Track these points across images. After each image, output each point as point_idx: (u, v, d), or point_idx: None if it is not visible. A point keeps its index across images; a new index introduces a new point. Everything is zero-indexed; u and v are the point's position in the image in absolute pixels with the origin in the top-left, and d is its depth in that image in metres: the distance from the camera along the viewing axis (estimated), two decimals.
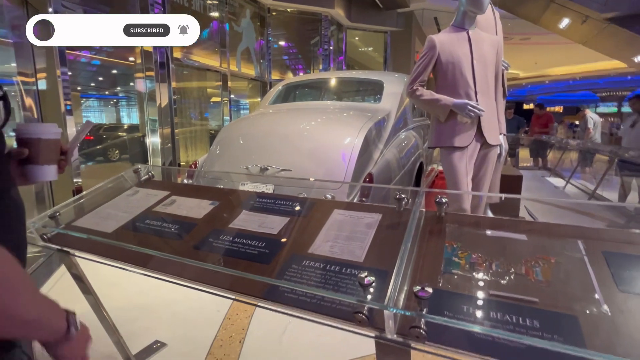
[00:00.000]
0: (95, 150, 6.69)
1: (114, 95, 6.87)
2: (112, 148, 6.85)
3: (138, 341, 1.52)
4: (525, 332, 0.60)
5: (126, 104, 7.00)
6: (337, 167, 2.24)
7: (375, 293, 0.69)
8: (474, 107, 1.76)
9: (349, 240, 0.90)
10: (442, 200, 0.91)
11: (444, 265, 0.77)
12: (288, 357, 1.44)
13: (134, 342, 1.49)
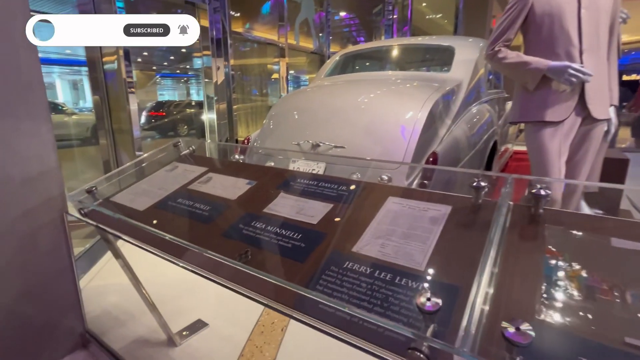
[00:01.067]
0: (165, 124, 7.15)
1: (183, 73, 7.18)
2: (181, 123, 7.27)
3: (181, 319, 1.49)
4: None
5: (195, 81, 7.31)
6: (396, 145, 2.00)
7: (441, 322, 0.49)
8: (578, 71, 1.38)
9: (407, 238, 0.69)
10: (541, 192, 0.65)
11: (545, 287, 0.53)
12: (334, 352, 1.31)
13: (177, 320, 1.47)
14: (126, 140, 2.71)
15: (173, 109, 7.31)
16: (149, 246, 0.87)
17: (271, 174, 1.10)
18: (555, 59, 1.44)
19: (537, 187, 0.65)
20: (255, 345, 1.36)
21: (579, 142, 1.53)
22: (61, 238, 1.22)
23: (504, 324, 0.42)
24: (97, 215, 1.04)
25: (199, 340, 1.38)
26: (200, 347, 1.34)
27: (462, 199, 0.76)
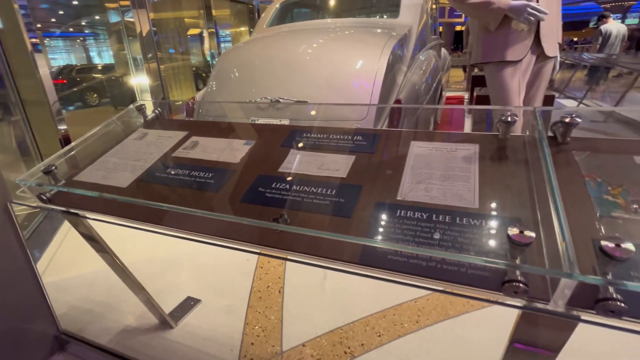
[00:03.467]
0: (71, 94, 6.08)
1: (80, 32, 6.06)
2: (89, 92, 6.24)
3: (168, 298, 1.39)
4: None
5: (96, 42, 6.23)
6: (361, 95, 1.97)
7: (528, 252, 0.50)
8: (535, 10, 1.45)
9: (448, 180, 0.69)
10: (569, 121, 0.68)
11: (596, 207, 0.57)
12: (335, 305, 1.34)
13: (163, 299, 1.36)
14: (42, 114, 2.26)
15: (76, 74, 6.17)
16: (153, 225, 0.75)
17: (267, 131, 1.00)
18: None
19: (569, 116, 0.68)
20: (258, 311, 1.33)
21: (532, 79, 1.66)
22: (9, 233, 1.01)
23: (603, 242, 0.44)
24: (65, 199, 0.86)
25: (196, 317, 1.31)
26: (200, 324, 1.27)
27: (485, 136, 0.78)
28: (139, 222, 0.77)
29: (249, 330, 1.24)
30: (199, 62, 6.88)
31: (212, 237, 0.71)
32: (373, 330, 1.22)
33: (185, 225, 0.73)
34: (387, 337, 1.19)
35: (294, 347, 1.16)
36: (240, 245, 0.69)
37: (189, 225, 0.72)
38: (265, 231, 0.67)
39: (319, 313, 1.31)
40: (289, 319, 1.29)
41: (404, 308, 1.31)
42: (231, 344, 1.19)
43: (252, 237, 0.68)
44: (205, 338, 1.21)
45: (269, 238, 0.66)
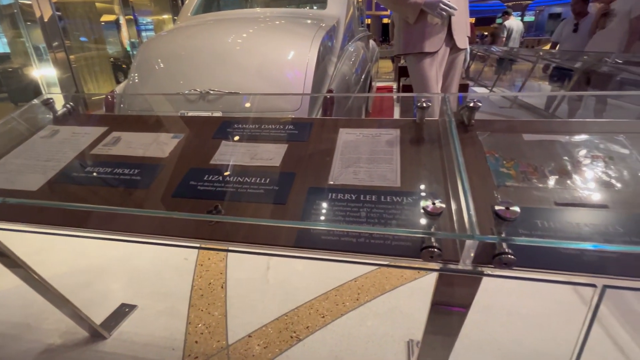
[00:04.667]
0: None
1: None
2: None
3: (99, 309, 1.29)
4: (608, 239, 0.54)
5: None
6: (294, 85, 1.98)
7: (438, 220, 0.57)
8: (447, 5, 1.59)
9: (373, 163, 0.74)
10: (473, 105, 0.78)
11: (494, 178, 0.67)
12: (280, 293, 1.36)
13: (94, 310, 1.26)
14: None
15: None
16: (73, 229, 0.69)
17: (196, 123, 0.97)
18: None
19: (472, 101, 0.77)
20: (201, 310, 1.30)
21: (448, 69, 1.83)
22: None
23: (496, 206, 0.52)
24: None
25: (133, 323, 1.24)
26: (138, 330, 1.20)
27: (405, 121, 0.85)
28: (56, 227, 0.71)
29: (191, 329, 1.21)
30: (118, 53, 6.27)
31: (143, 236, 0.68)
32: (317, 312, 1.27)
33: (112, 225, 0.69)
34: (330, 317, 1.25)
35: (240, 339, 1.17)
36: (174, 241, 0.67)
37: (115, 226, 0.68)
38: (201, 224, 0.67)
39: (264, 303, 1.32)
40: (233, 313, 1.29)
41: (344, 288, 1.38)
42: (173, 345, 1.15)
43: (186, 232, 0.67)
44: (144, 344, 1.15)
45: (204, 231, 0.65)
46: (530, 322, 1.18)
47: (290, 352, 1.12)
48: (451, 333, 0.75)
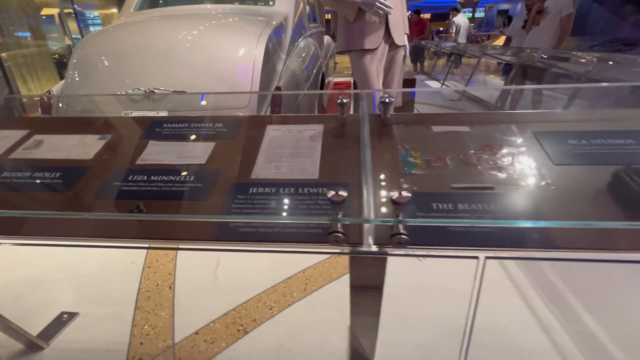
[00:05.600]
0: None
1: None
2: None
3: (37, 319, 1.24)
4: (490, 216, 0.62)
5: None
6: (241, 83, 1.99)
7: (347, 208, 0.62)
8: (382, 4, 1.67)
9: (295, 157, 0.79)
10: (386, 100, 0.84)
11: (402, 167, 0.74)
12: (229, 289, 1.38)
13: (31, 321, 1.21)
14: None
15: None
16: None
17: (124, 124, 0.96)
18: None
19: (385, 97, 0.83)
20: (147, 311, 1.29)
21: (388, 65, 1.92)
22: None
23: (392, 193, 0.58)
24: None
25: (74, 331, 1.21)
26: (79, 337, 1.18)
27: (329, 117, 0.90)
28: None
29: (137, 331, 1.20)
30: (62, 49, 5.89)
31: (63, 239, 0.68)
32: (265, 305, 1.30)
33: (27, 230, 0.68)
34: (277, 308, 1.29)
35: (187, 337, 1.18)
36: (96, 242, 0.67)
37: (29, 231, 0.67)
38: (124, 223, 0.68)
39: (212, 300, 1.33)
40: (181, 312, 1.29)
41: (293, 280, 1.42)
42: (117, 349, 1.14)
43: (109, 232, 0.67)
44: (85, 350, 1.13)
45: (127, 230, 0.66)
46: (459, 298, 1.29)
47: (237, 344, 1.14)
48: (373, 313, 0.81)
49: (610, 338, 1.11)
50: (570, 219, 0.60)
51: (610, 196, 0.64)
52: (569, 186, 0.66)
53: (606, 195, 0.64)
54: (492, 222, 0.60)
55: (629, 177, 0.67)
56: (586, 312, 1.21)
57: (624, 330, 1.13)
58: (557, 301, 1.26)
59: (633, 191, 0.64)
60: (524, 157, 0.74)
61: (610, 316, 1.19)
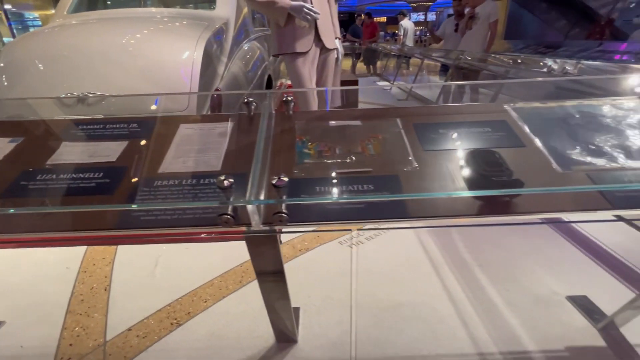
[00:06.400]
0: None
1: None
2: None
3: None
4: (365, 193, 0.73)
5: None
6: (179, 86, 2.01)
7: (238, 193, 0.71)
8: (310, 10, 1.77)
9: (203, 152, 0.86)
10: (288, 99, 0.93)
11: (297, 157, 0.83)
12: (165, 287, 1.41)
13: None
14: None
15: None
16: None
17: (39, 126, 0.98)
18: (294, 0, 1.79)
19: (285, 97, 0.93)
20: (79, 314, 1.29)
21: (321, 68, 2.03)
22: None
23: (272, 179, 0.67)
24: None
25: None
26: (2, 345, 1.16)
27: (239, 115, 0.98)
28: None
29: (67, 334, 1.21)
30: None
31: None
32: (200, 298, 1.35)
33: None
34: (212, 301, 1.34)
35: (119, 334, 1.20)
36: None
37: None
38: (28, 218, 0.71)
39: (148, 298, 1.36)
40: (115, 312, 1.31)
41: (230, 274, 1.48)
42: (45, 353, 1.14)
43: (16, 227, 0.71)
44: (10, 357, 1.12)
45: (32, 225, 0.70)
46: (390, 277, 1.41)
47: (170, 337, 1.19)
48: (281, 297, 0.90)
49: (506, 304, 1.28)
50: (425, 192, 0.72)
51: (465, 172, 0.77)
52: (431, 167, 0.79)
53: (460, 172, 0.77)
54: (356, 197, 0.71)
55: (480, 157, 0.80)
56: (489, 284, 1.38)
57: (517, 297, 1.31)
58: (466, 275, 1.42)
59: (483, 168, 0.77)
60: (401, 145, 0.86)
61: (507, 285, 1.36)
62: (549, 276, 1.39)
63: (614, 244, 1.58)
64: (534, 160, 0.80)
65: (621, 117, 0.93)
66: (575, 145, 0.83)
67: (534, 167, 0.79)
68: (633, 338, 1.10)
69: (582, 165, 0.78)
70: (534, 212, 0.70)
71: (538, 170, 0.78)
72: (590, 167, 0.77)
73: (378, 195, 0.71)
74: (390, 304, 1.29)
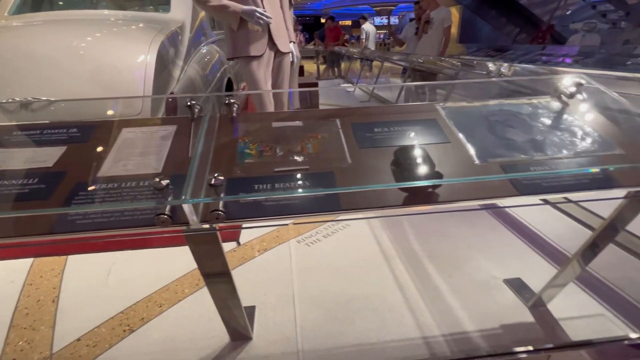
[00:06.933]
0: None
1: None
2: None
3: None
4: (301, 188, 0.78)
5: None
6: (132, 91, 1.98)
7: (177, 194, 0.73)
8: (262, 14, 1.81)
9: (144, 155, 0.87)
10: (230, 102, 0.96)
11: (238, 158, 0.86)
12: (119, 295, 1.39)
13: None
14: None
15: None
16: None
17: None
18: (245, 4, 1.81)
19: (228, 99, 0.95)
20: (23, 328, 1.25)
21: (276, 71, 2.07)
22: None
23: (208, 176, 0.69)
24: None
25: None
26: None
27: (183, 118, 0.99)
28: None
29: (9, 349, 1.16)
30: None
31: None
32: (155, 303, 1.34)
33: None
34: (167, 305, 1.33)
35: (67, 345, 1.17)
36: None
37: None
38: None
39: (100, 307, 1.33)
40: (64, 323, 1.27)
41: (186, 277, 1.48)
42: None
43: None
44: None
45: None
46: (345, 272, 1.47)
47: (122, 343, 1.17)
48: (230, 295, 0.92)
49: (450, 290, 1.37)
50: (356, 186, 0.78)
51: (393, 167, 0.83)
52: (364, 163, 0.85)
53: (389, 167, 0.83)
54: (290, 192, 0.75)
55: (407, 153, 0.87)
56: (436, 272, 1.47)
57: (460, 282, 1.41)
58: (416, 265, 1.51)
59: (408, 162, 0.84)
60: (338, 144, 0.91)
61: (452, 272, 1.46)
62: (489, 262, 1.51)
63: (546, 229, 1.73)
64: (456, 154, 0.88)
65: (536, 114, 1.03)
66: (493, 140, 0.92)
67: (456, 160, 0.87)
68: (557, 313, 1.22)
69: (497, 157, 0.87)
70: (453, 200, 0.78)
71: (459, 163, 0.86)
72: (503, 159, 0.86)
73: (311, 190, 0.76)
74: (344, 297, 1.34)
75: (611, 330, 1.17)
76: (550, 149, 0.89)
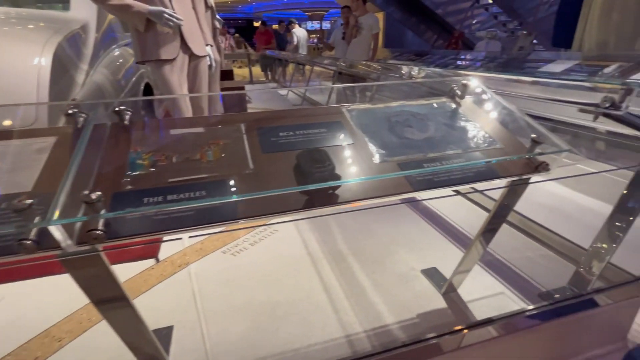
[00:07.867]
0: None
1: None
2: None
3: None
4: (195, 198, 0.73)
5: None
6: (24, 98, 1.75)
7: (45, 215, 0.64)
8: (172, 16, 1.71)
9: (14, 172, 0.76)
10: (120, 109, 0.88)
11: (129, 169, 0.79)
12: (7, 334, 1.20)
13: None
14: None
15: None
16: None
17: None
18: (152, 4, 1.70)
19: (118, 107, 0.88)
20: None
21: (192, 75, 1.97)
22: None
23: (82, 194, 0.62)
24: None
25: None
26: None
27: (66, 128, 0.89)
28: None
29: None
30: None
31: None
32: (53, 338, 1.19)
33: None
34: (69, 338, 1.19)
35: None
36: None
37: None
38: None
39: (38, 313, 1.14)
40: None
41: None
42: None
43: None
44: None
45: None
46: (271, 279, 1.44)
47: None
48: (132, 322, 0.84)
49: (372, 285, 1.41)
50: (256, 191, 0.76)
51: (295, 170, 0.83)
52: (265, 168, 0.83)
53: (291, 170, 0.82)
54: (182, 204, 0.71)
55: (308, 155, 0.87)
56: (359, 269, 1.51)
57: (382, 277, 1.46)
58: (341, 264, 1.54)
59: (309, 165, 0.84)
60: (241, 149, 0.89)
61: (374, 267, 1.51)
62: (409, 254, 1.59)
63: (457, 218, 1.88)
64: (359, 154, 0.91)
65: (432, 114, 1.11)
66: (393, 140, 0.97)
67: (357, 160, 0.89)
68: (466, 296, 1.33)
69: (395, 156, 0.91)
70: (354, 200, 0.80)
71: (360, 162, 0.88)
72: (400, 158, 0.91)
73: (206, 200, 0.72)
74: (269, 305, 1.32)
75: (509, 306, 1.30)
76: (442, 146, 0.96)
